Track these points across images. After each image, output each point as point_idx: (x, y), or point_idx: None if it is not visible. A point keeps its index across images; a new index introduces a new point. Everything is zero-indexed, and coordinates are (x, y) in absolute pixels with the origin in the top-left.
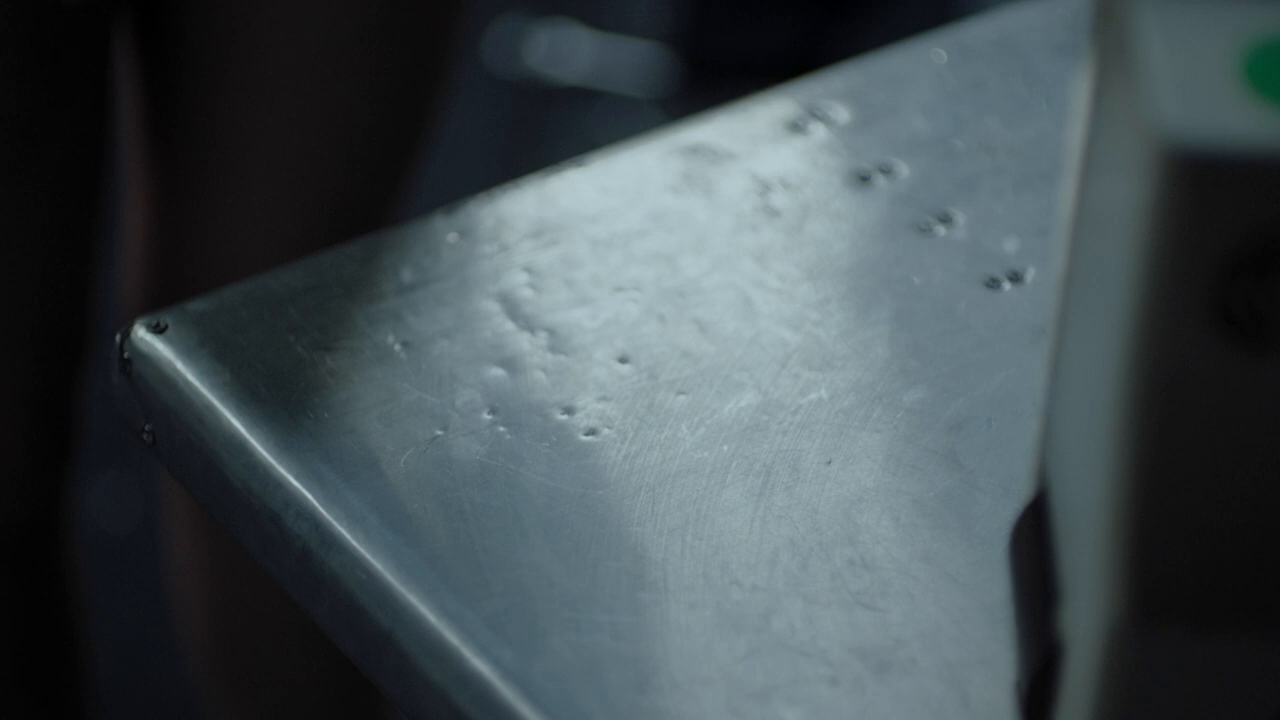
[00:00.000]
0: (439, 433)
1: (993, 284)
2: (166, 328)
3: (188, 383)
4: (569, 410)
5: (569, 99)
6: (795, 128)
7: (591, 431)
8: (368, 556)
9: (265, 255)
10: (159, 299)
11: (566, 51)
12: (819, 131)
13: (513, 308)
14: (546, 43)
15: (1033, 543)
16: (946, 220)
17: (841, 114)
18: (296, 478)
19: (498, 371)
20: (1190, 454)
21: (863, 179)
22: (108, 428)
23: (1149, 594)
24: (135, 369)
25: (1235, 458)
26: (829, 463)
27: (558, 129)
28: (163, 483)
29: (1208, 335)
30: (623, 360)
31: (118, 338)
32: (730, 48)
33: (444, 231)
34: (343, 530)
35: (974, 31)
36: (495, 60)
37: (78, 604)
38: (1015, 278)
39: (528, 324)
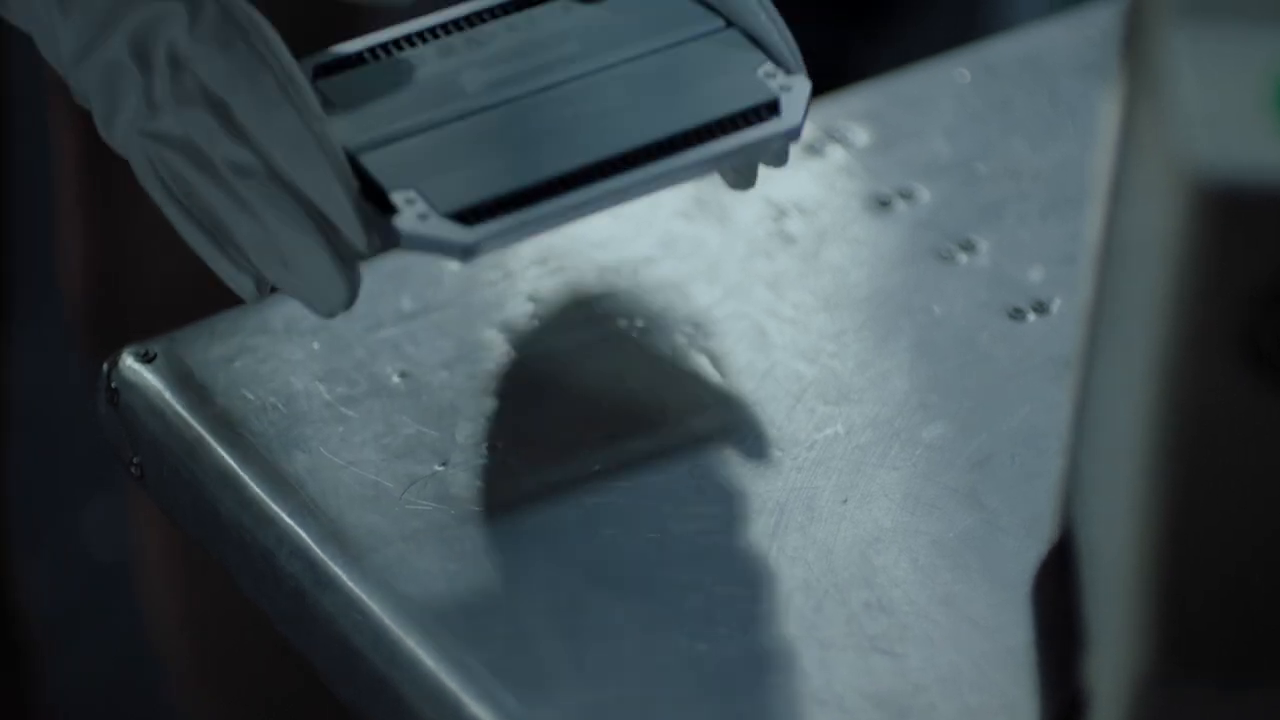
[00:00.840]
0: (439, 468)
1: (1017, 314)
2: (155, 356)
3: (177, 414)
4: (575, 445)
5: None
6: (812, 150)
7: (600, 470)
8: (363, 597)
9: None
10: (100, 311)
11: None
12: (836, 154)
13: (517, 338)
14: None
15: (1058, 586)
16: (969, 247)
17: (860, 135)
18: (290, 514)
19: (501, 404)
20: (1220, 496)
21: (882, 204)
22: (95, 453)
23: (1178, 644)
24: (122, 399)
25: (1268, 501)
26: (845, 501)
27: None
28: (149, 510)
29: (1238, 372)
30: None
31: (105, 367)
32: None
33: None
34: (337, 570)
35: (999, 50)
36: None
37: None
38: (1040, 308)
39: (532, 354)
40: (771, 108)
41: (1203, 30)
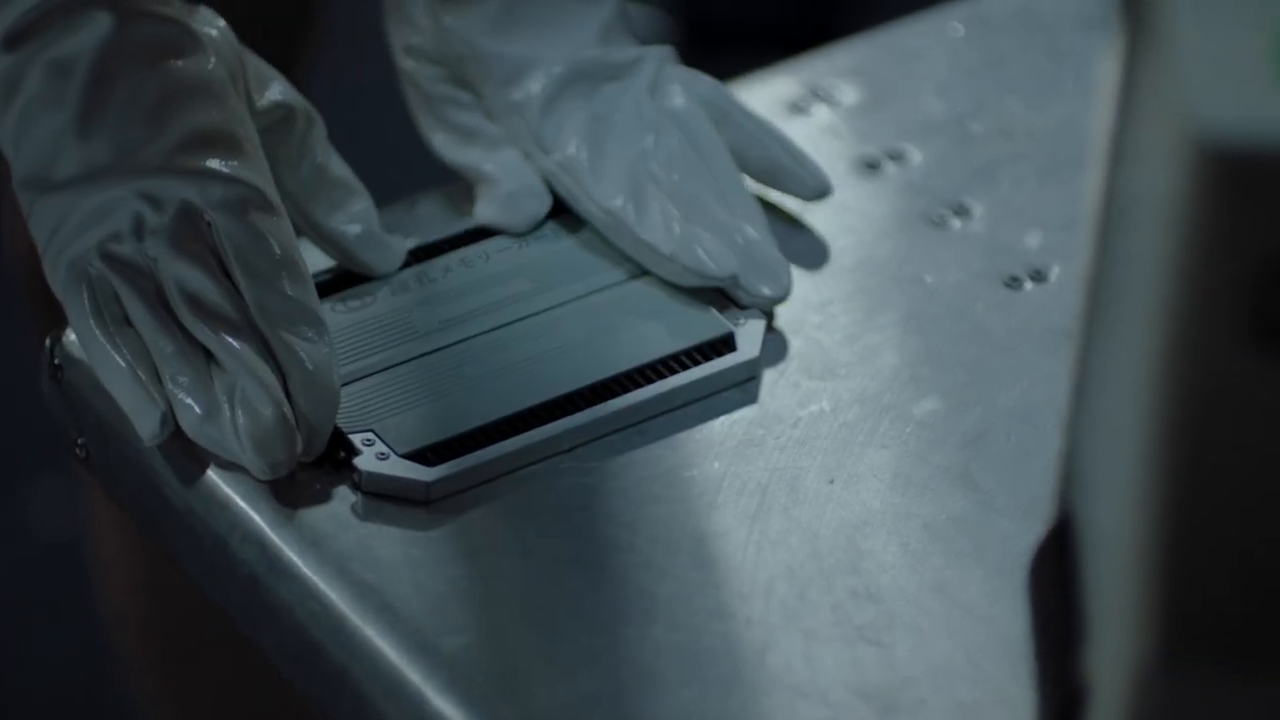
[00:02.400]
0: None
1: (1013, 283)
2: None
3: None
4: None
5: None
6: (796, 109)
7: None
8: (321, 586)
9: None
10: (48, 286)
11: None
12: (822, 113)
13: None
14: None
15: (1055, 572)
16: (962, 212)
17: (847, 94)
18: (243, 498)
19: None
20: (1226, 478)
21: (870, 166)
22: (43, 432)
23: (1181, 632)
24: (66, 376)
25: (1273, 482)
26: (831, 482)
27: None
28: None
29: (1246, 347)
30: None
31: (48, 342)
32: (731, 14)
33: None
34: (294, 556)
35: (994, 3)
36: None
37: None
38: (1038, 276)
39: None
40: (727, 342)
41: None
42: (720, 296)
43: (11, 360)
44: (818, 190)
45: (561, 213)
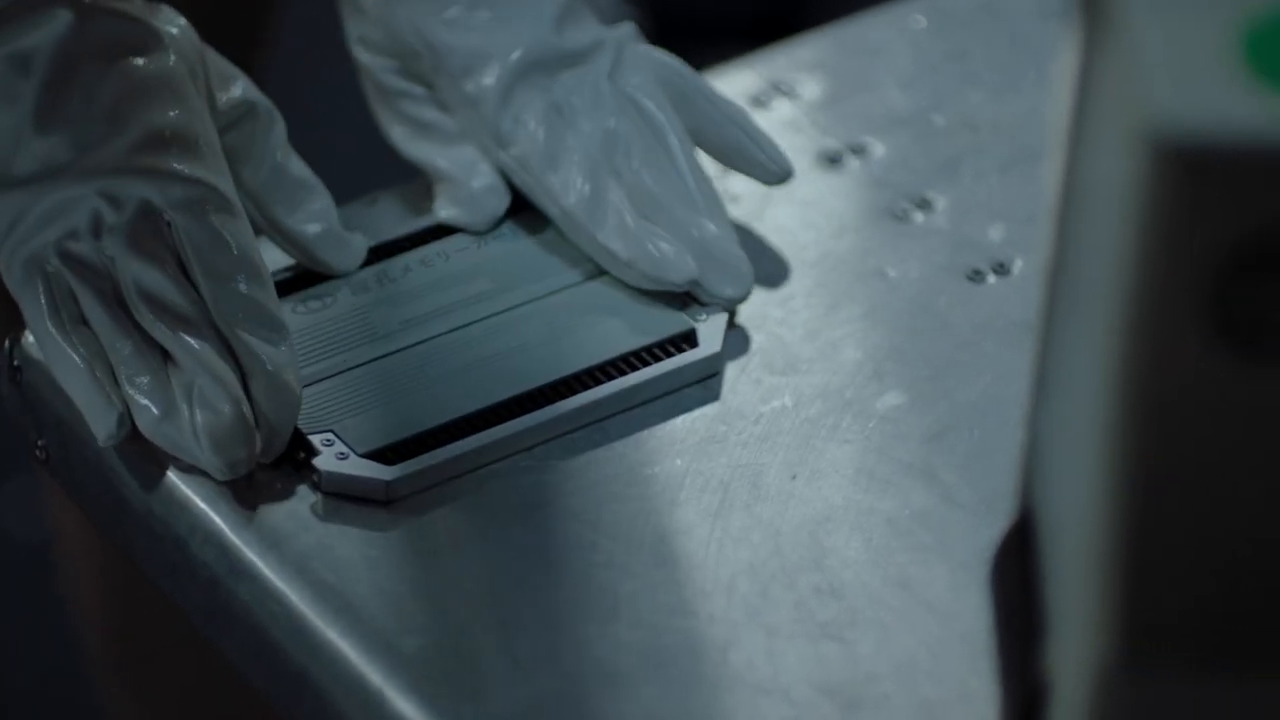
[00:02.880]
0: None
1: (976, 276)
2: None
3: None
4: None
5: None
6: (757, 103)
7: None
8: (281, 587)
9: None
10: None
11: None
12: (784, 107)
13: None
14: None
15: (1018, 568)
16: (925, 206)
17: (809, 87)
18: (203, 499)
19: None
20: (1187, 475)
21: (832, 160)
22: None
23: (1142, 631)
24: (25, 378)
25: (1236, 480)
26: (793, 478)
27: None
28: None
29: (1205, 343)
30: None
31: (6, 343)
32: (697, 5)
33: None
34: (253, 557)
35: None
36: None
37: None
38: (1001, 269)
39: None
40: (688, 338)
41: None
42: (682, 293)
43: None
44: (779, 174)
45: (521, 210)
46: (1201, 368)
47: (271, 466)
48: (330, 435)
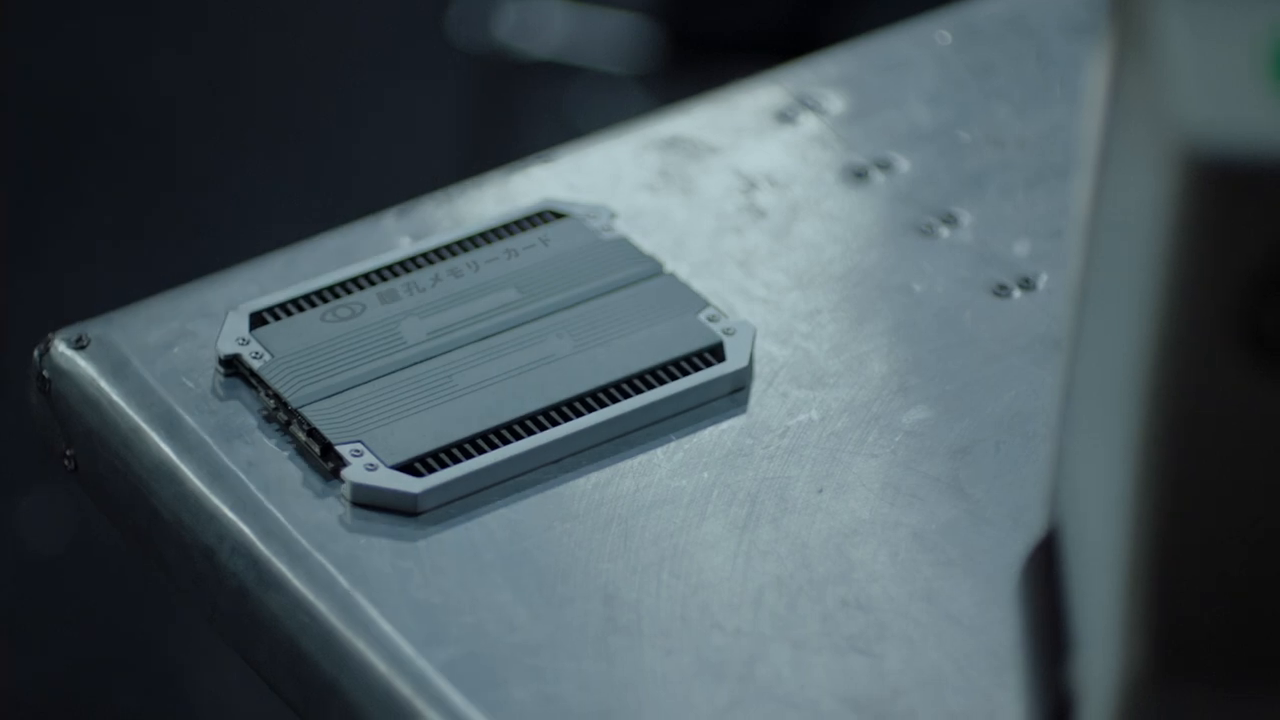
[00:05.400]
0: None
1: (1002, 291)
2: (89, 343)
3: (112, 403)
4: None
5: (542, 75)
6: (783, 118)
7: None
8: (310, 597)
9: None
10: None
11: (539, 23)
12: (809, 123)
13: None
14: (517, 14)
15: (1045, 582)
16: (951, 221)
17: (835, 103)
18: (232, 509)
19: None
20: (1216, 491)
21: (858, 175)
22: (34, 442)
23: (1170, 645)
24: (54, 388)
25: (1266, 496)
26: (820, 491)
27: (529, 109)
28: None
29: (1235, 359)
30: None
31: (36, 353)
32: (719, 20)
33: (396, 234)
34: (283, 567)
35: (982, 10)
36: (461, 33)
37: None
38: (1026, 284)
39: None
40: (715, 352)
41: None
42: (707, 305)
43: None
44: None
45: (554, 220)
46: (1231, 382)
47: (300, 477)
48: (359, 446)
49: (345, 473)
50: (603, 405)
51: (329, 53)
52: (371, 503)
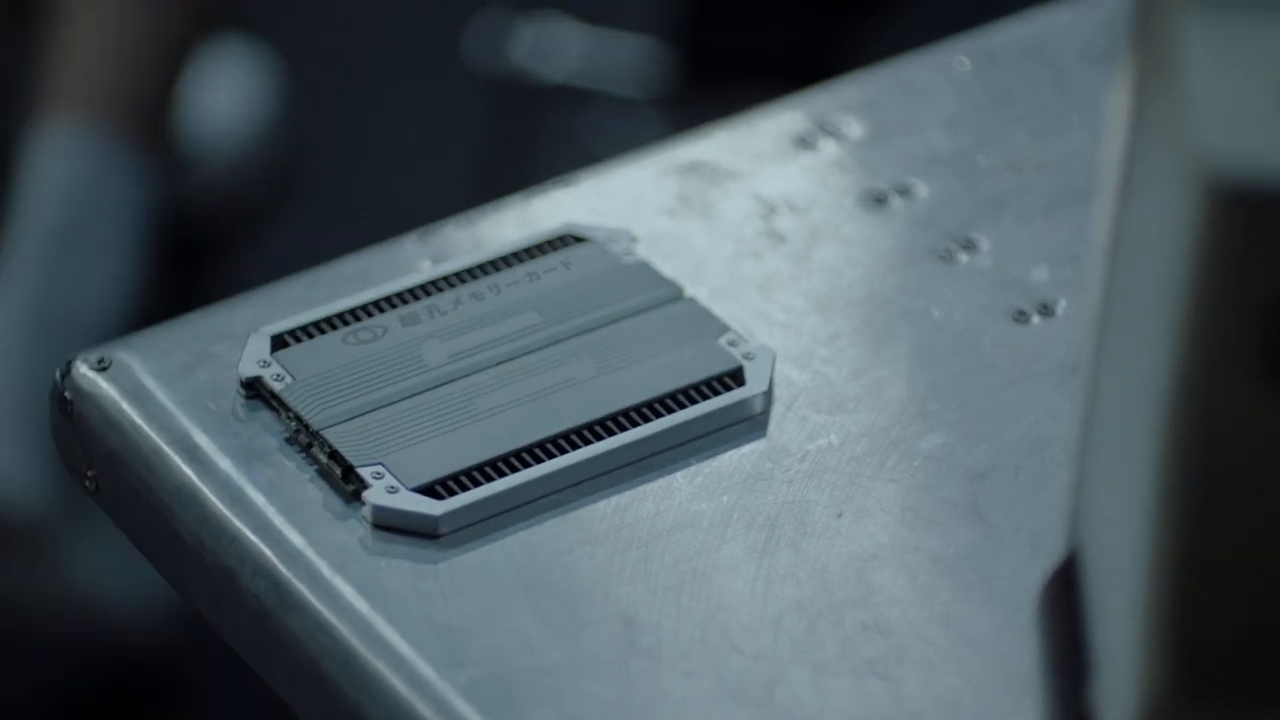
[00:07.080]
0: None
1: (1021, 317)
2: (110, 364)
3: (134, 425)
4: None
5: (558, 100)
6: (803, 143)
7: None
8: (331, 619)
9: None
10: None
11: (556, 47)
12: (829, 148)
13: None
14: (534, 38)
15: (1064, 606)
16: (970, 246)
17: (854, 128)
18: (253, 531)
19: None
20: (1235, 515)
21: (877, 200)
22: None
23: (1191, 670)
24: (76, 409)
25: None
26: (839, 515)
27: (546, 133)
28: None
29: (1256, 385)
30: None
31: (58, 374)
32: (735, 45)
33: (416, 258)
34: (304, 589)
35: (1001, 37)
36: (477, 57)
37: None
38: (1045, 310)
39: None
40: (735, 376)
41: (1221, 16)
42: (728, 330)
43: None
44: None
45: (573, 244)
46: (1251, 409)
47: (321, 500)
48: (380, 468)
49: (366, 495)
50: (623, 429)
51: (347, 76)
52: (392, 525)
